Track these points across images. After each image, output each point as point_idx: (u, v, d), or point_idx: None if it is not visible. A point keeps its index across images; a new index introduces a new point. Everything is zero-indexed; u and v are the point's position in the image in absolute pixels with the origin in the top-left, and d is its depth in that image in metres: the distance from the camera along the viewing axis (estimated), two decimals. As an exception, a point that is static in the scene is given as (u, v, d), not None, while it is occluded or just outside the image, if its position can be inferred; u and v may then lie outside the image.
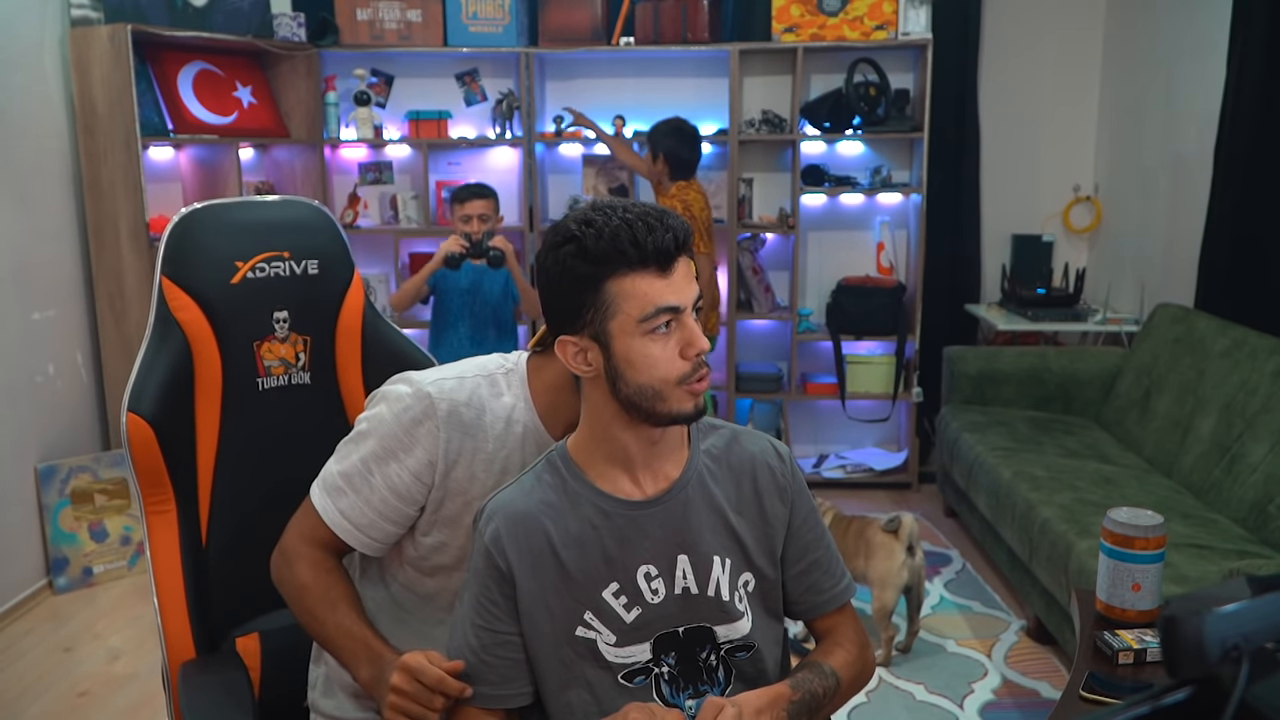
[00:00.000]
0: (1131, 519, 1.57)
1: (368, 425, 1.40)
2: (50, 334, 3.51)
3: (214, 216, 1.70)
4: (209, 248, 1.66)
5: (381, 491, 1.38)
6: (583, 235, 1.20)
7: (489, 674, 1.27)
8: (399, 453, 1.37)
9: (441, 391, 1.37)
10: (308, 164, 4.32)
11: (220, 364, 1.64)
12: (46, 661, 3.02)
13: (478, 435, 1.38)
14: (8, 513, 3.29)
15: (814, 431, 4.66)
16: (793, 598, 1.37)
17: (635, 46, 4.22)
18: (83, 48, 3.51)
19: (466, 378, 1.40)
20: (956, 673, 2.85)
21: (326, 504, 1.41)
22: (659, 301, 1.20)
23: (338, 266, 1.79)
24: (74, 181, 3.63)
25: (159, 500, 1.61)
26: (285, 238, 1.73)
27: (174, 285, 1.62)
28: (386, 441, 1.37)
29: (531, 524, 1.27)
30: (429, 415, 1.36)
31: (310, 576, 1.41)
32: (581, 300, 1.22)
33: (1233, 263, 3.29)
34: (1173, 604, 0.75)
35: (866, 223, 4.55)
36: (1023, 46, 4.44)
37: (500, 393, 1.40)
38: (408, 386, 1.39)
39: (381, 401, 1.41)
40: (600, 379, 1.24)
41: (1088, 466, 3.22)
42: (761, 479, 1.34)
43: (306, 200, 1.83)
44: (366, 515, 1.39)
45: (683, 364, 1.22)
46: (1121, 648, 1.49)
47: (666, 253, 1.19)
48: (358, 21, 4.22)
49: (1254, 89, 3.13)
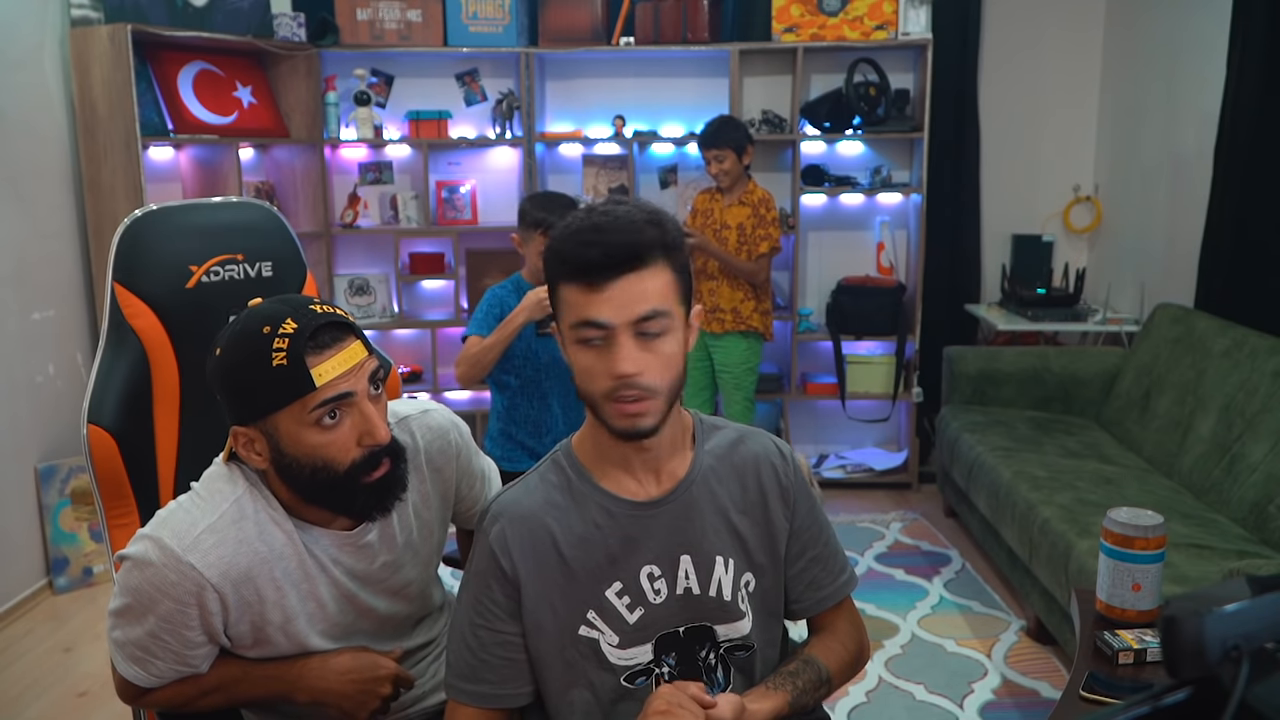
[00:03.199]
0: (1131, 519, 1.57)
1: (134, 600, 1.28)
2: (50, 334, 3.51)
3: (164, 220, 1.67)
4: (161, 252, 1.63)
5: (181, 650, 1.31)
6: (553, 236, 1.23)
7: (488, 673, 1.27)
8: (181, 626, 1.28)
9: (206, 563, 1.26)
10: (308, 164, 4.32)
11: (178, 371, 1.62)
12: (46, 661, 3.02)
13: (255, 573, 1.30)
14: (8, 513, 3.29)
15: (814, 431, 4.65)
16: (793, 595, 1.38)
17: (635, 46, 4.22)
18: (83, 48, 3.51)
19: (215, 523, 1.29)
20: (956, 673, 2.85)
21: (138, 673, 1.32)
22: (583, 314, 1.19)
23: (291, 268, 1.78)
24: (74, 181, 3.63)
25: (121, 512, 1.58)
26: (238, 240, 1.71)
27: (127, 291, 1.59)
28: (165, 618, 1.27)
29: (536, 523, 1.27)
30: (201, 588, 1.26)
31: (178, 694, 1.35)
32: (553, 295, 1.25)
33: (1233, 263, 3.28)
34: (1173, 604, 0.75)
35: (866, 223, 4.55)
36: (1023, 46, 4.44)
37: (244, 514, 1.31)
38: (161, 558, 1.25)
39: (137, 573, 1.27)
40: None
41: (1088, 466, 3.22)
42: (765, 479, 1.34)
43: (257, 202, 1.83)
44: (182, 663, 1.32)
45: (607, 381, 1.19)
46: (1121, 648, 1.49)
47: (594, 268, 1.17)
48: (358, 21, 4.22)
49: (1254, 89, 3.13)
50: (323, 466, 1.26)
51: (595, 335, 1.19)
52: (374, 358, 1.31)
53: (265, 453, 1.28)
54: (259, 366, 1.22)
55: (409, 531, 1.43)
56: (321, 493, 1.30)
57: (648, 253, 1.19)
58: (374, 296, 4.45)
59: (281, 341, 1.22)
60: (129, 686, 1.35)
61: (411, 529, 1.43)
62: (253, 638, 1.34)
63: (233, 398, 1.27)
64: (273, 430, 1.26)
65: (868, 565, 3.61)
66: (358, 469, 1.28)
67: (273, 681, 1.38)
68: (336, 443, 1.26)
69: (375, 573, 1.40)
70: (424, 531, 1.46)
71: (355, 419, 1.27)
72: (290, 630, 1.36)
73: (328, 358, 1.24)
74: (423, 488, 1.45)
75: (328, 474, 1.27)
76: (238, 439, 1.28)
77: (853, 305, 4.33)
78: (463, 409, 4.59)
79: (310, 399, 1.23)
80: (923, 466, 4.44)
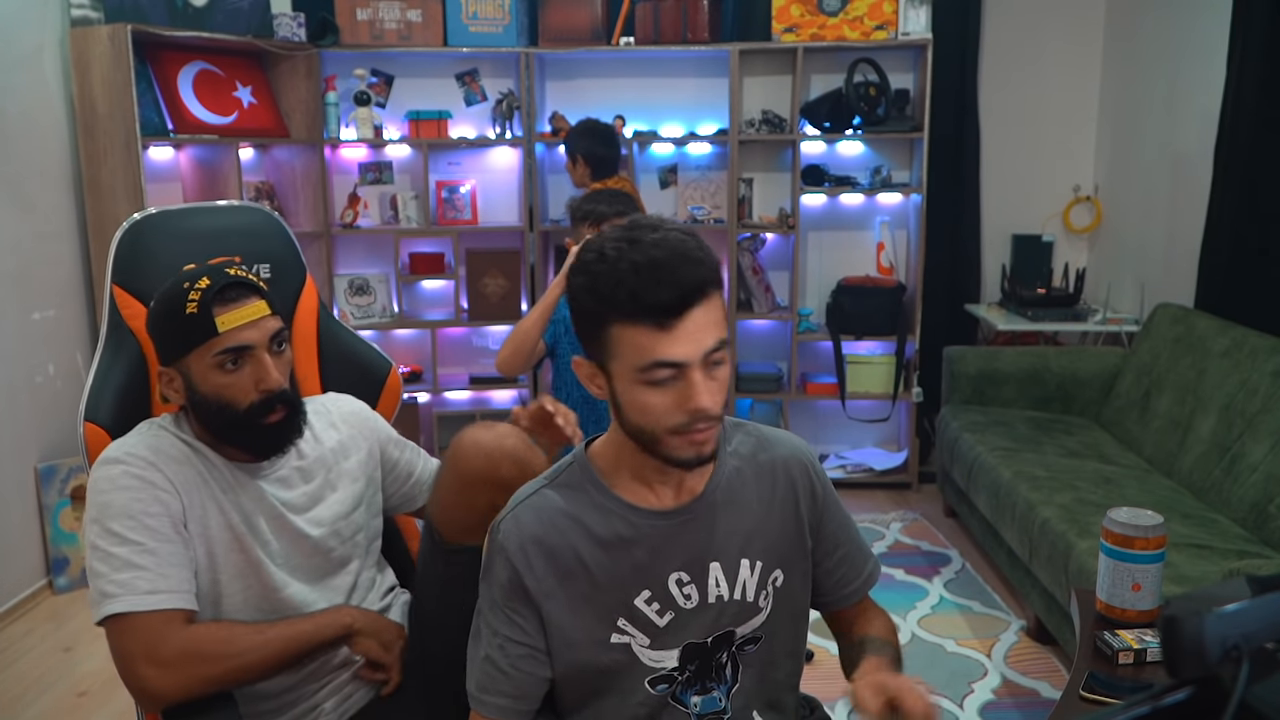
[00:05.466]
0: (1131, 519, 1.57)
1: (98, 509, 1.43)
2: (50, 334, 3.51)
3: (163, 223, 1.70)
4: (159, 255, 1.66)
5: (159, 546, 1.42)
6: (595, 271, 1.14)
7: (509, 686, 1.25)
8: (148, 505, 1.43)
9: (145, 452, 1.46)
10: (308, 164, 4.32)
11: None
12: (46, 661, 3.02)
13: (188, 477, 1.48)
14: (8, 513, 3.29)
15: (814, 431, 4.65)
16: (822, 590, 1.39)
17: (635, 46, 4.22)
18: (83, 48, 3.51)
19: (149, 441, 1.49)
20: (956, 673, 2.85)
21: (141, 600, 1.40)
22: (655, 356, 1.12)
23: (290, 270, 1.80)
24: (74, 181, 3.63)
25: None
26: (236, 243, 1.74)
27: (125, 293, 1.63)
28: (128, 506, 1.42)
29: (557, 538, 1.24)
30: (152, 463, 1.45)
31: (205, 641, 1.42)
32: (592, 331, 1.17)
33: (1233, 263, 3.28)
34: (1173, 604, 0.75)
35: (866, 223, 4.55)
36: (1023, 46, 4.44)
37: (166, 438, 1.51)
38: (114, 461, 1.45)
39: (97, 490, 1.44)
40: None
41: (1088, 466, 3.22)
42: (797, 479, 1.34)
43: (256, 205, 1.86)
44: (168, 577, 1.41)
45: (680, 416, 1.15)
46: (1121, 648, 1.49)
47: (668, 308, 1.11)
48: (358, 21, 4.22)
49: (1254, 89, 3.13)
50: (226, 405, 1.47)
51: (668, 375, 1.13)
52: (277, 319, 1.52)
53: (181, 390, 1.49)
54: (176, 314, 1.45)
55: (327, 470, 1.63)
56: (226, 429, 1.50)
57: (710, 284, 1.14)
58: (374, 296, 4.45)
59: (195, 294, 1.44)
60: (159, 657, 1.38)
61: (329, 468, 1.63)
62: (206, 547, 1.48)
63: (158, 341, 1.50)
64: (186, 370, 1.47)
65: (868, 565, 3.61)
66: (255, 411, 1.48)
67: (319, 619, 1.53)
68: (236, 385, 1.47)
69: (296, 500, 1.58)
70: (346, 477, 1.65)
71: (254, 368, 1.47)
72: (244, 545, 1.51)
73: (230, 310, 1.45)
74: (339, 438, 1.66)
75: (230, 413, 1.47)
76: (161, 378, 1.50)
77: (853, 305, 4.33)
78: (462, 409, 4.59)
79: (214, 343, 1.45)
80: (923, 466, 4.44)
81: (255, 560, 1.52)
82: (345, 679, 1.60)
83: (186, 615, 1.42)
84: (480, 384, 4.51)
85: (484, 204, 4.53)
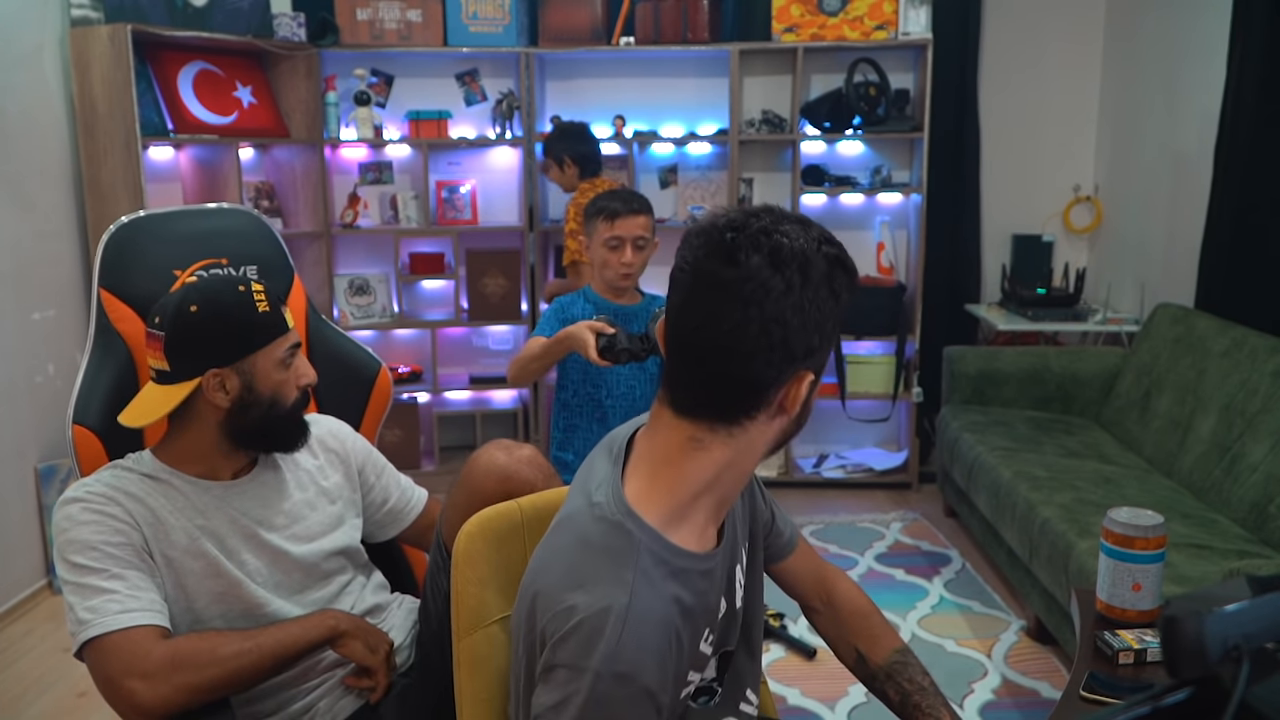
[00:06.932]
0: (1131, 519, 1.57)
1: (67, 540, 1.43)
2: (50, 334, 3.51)
3: (150, 226, 1.71)
4: (146, 258, 1.67)
5: (124, 571, 1.42)
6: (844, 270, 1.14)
7: None
8: (110, 534, 1.43)
9: (107, 487, 1.47)
10: (308, 164, 4.32)
11: None
12: (46, 661, 3.02)
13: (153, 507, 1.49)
14: (8, 513, 3.29)
15: (814, 431, 4.65)
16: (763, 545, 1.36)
17: (635, 46, 4.22)
18: (83, 48, 3.51)
19: (107, 478, 1.51)
20: (956, 673, 2.85)
21: (114, 620, 1.39)
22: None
23: (277, 271, 1.81)
24: (74, 181, 3.63)
25: None
26: (222, 245, 1.75)
27: (113, 297, 1.64)
28: (92, 540, 1.42)
29: (666, 633, 1.04)
30: (110, 498, 1.45)
31: (188, 650, 1.41)
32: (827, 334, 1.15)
33: (1233, 263, 3.28)
34: (1173, 604, 0.75)
35: (866, 223, 4.55)
36: (1023, 46, 4.44)
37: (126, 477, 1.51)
38: (73, 500, 1.46)
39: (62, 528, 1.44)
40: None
41: (1088, 466, 3.22)
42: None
43: (242, 208, 1.87)
44: (139, 598, 1.41)
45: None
46: (1122, 648, 1.49)
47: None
48: (358, 21, 4.22)
49: (1254, 89, 3.13)
50: (279, 401, 1.54)
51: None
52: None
53: (235, 390, 1.50)
54: (249, 311, 1.49)
55: (306, 490, 1.65)
56: (270, 425, 1.54)
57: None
58: (374, 296, 4.44)
59: (260, 295, 1.51)
60: (146, 671, 1.37)
61: (309, 488, 1.65)
62: (175, 579, 1.48)
63: (218, 342, 1.49)
64: (249, 368, 1.50)
65: (868, 565, 3.61)
66: (297, 405, 1.57)
67: (304, 621, 1.53)
68: (289, 382, 1.55)
69: (274, 519, 1.59)
70: (325, 497, 1.67)
71: (297, 364, 1.56)
72: (219, 569, 1.50)
73: (286, 312, 1.56)
74: (317, 461, 1.69)
75: (280, 408, 1.54)
76: (210, 380, 1.49)
77: (853, 305, 4.28)
78: (463, 409, 4.59)
79: (284, 339, 1.53)
80: (923, 466, 4.44)
81: (233, 581, 1.51)
82: (340, 678, 1.60)
83: (162, 631, 1.41)
84: (480, 384, 4.51)
85: (484, 204, 4.53)
